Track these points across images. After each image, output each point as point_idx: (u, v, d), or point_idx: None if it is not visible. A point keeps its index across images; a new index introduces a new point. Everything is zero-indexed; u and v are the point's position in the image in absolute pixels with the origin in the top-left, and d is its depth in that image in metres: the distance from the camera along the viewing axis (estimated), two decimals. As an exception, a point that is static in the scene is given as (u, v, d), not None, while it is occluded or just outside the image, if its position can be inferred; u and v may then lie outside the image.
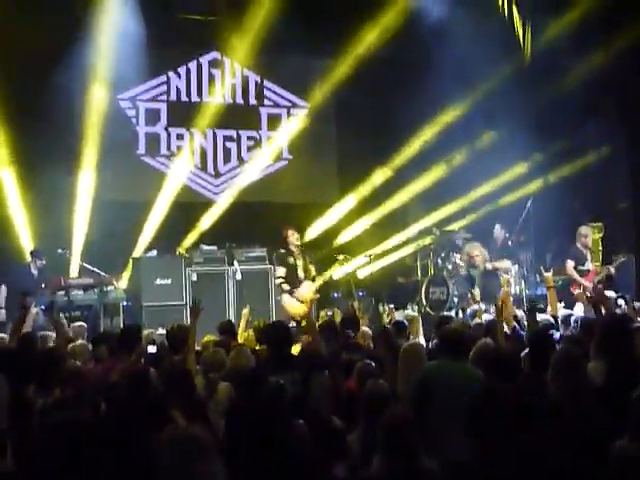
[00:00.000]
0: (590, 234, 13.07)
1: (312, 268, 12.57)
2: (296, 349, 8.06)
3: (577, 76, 15.15)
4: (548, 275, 9.97)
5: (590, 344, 6.67)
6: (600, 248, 14.72)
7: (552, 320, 8.93)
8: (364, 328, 9.28)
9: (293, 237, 12.51)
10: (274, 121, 16.84)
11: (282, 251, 12.54)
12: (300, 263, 12.40)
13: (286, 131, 16.77)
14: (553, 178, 15.94)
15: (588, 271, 12.72)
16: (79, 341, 9.04)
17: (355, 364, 6.82)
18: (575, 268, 12.73)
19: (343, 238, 16.46)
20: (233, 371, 6.81)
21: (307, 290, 12.23)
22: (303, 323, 10.37)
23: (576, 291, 12.19)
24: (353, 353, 7.61)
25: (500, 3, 16.10)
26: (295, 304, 12.09)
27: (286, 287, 12.22)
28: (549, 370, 5.86)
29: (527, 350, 6.90)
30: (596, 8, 14.45)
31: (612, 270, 12.22)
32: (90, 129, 14.39)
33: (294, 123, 16.80)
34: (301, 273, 12.39)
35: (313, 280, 12.47)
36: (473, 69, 15.20)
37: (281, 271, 12.39)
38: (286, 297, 12.22)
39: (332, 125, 16.92)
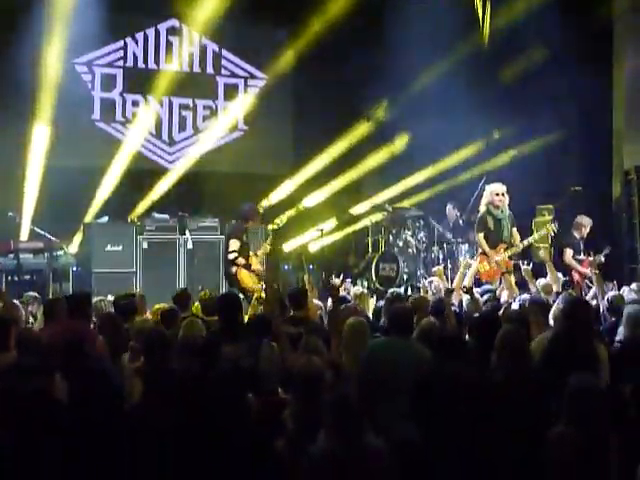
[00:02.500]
0: (589, 225, 13.26)
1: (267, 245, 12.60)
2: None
3: (534, 58, 15.28)
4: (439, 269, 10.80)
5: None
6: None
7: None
8: (315, 301, 9.32)
9: (257, 218, 12.61)
10: (231, 91, 16.72)
11: (238, 223, 12.51)
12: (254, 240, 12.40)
13: (242, 102, 16.69)
14: (507, 158, 16.03)
15: (581, 261, 12.89)
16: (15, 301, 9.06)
17: (301, 337, 6.84)
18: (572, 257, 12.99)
19: (296, 210, 16.42)
20: (185, 341, 6.78)
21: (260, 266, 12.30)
22: (255, 295, 10.32)
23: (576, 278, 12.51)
24: (299, 326, 7.62)
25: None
26: (252, 278, 12.07)
27: (242, 261, 12.10)
28: (494, 350, 5.93)
29: (472, 330, 6.97)
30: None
31: (602, 259, 12.44)
32: (44, 93, 14.20)
33: (251, 94, 16.73)
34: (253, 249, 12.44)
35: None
36: (433, 45, 15.20)
37: (235, 245, 12.19)
38: (244, 271, 12.14)
39: (289, 97, 16.85)
